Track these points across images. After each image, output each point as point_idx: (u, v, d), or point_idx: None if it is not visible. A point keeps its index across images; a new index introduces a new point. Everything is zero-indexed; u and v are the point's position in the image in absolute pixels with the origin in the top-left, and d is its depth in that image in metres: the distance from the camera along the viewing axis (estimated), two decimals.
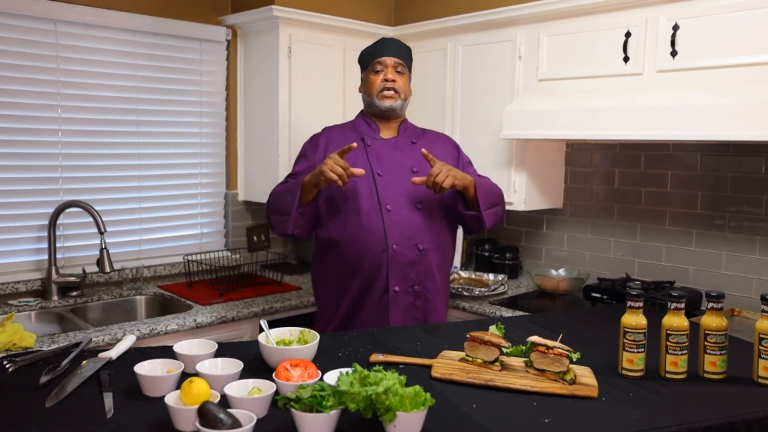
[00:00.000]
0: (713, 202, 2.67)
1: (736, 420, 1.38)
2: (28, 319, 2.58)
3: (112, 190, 2.95)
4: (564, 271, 3.06)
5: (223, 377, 1.44)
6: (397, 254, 2.15)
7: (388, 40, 2.30)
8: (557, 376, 1.54)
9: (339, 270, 2.21)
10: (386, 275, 2.15)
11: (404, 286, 2.18)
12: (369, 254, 2.15)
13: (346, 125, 2.37)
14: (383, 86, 2.23)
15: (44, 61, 2.70)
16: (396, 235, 2.15)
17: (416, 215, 2.18)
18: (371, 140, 2.27)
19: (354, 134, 2.29)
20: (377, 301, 2.17)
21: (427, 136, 2.36)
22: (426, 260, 2.20)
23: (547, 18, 2.73)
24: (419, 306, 2.21)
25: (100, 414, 1.35)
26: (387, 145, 2.27)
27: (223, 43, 3.23)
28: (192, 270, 3.03)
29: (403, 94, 2.27)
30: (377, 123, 2.30)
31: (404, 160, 2.24)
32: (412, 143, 2.29)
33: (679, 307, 1.60)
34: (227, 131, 3.30)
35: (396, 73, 2.25)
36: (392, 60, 2.24)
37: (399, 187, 2.19)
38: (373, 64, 2.26)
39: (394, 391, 1.20)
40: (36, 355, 1.69)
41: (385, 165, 2.22)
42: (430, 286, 2.22)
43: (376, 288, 2.17)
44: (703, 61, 2.29)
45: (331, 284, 2.26)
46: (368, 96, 2.28)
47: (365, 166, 2.18)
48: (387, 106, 2.24)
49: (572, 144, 3.10)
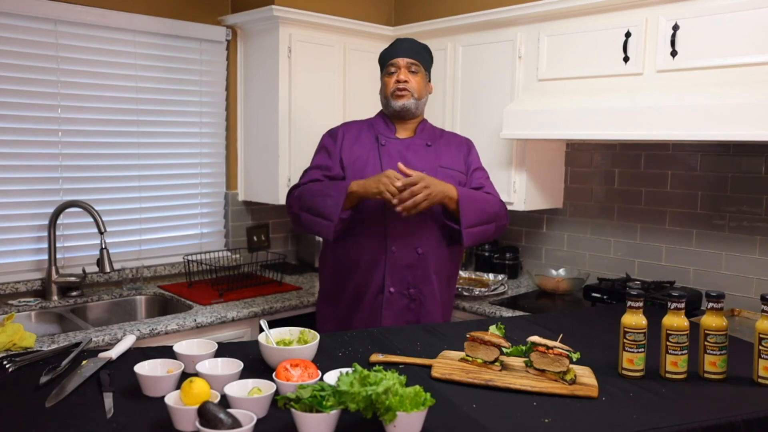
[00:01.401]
0: (713, 202, 2.67)
1: (736, 420, 1.38)
2: (28, 319, 2.58)
3: (112, 190, 2.95)
4: (564, 271, 3.06)
5: (223, 377, 1.44)
6: (396, 256, 2.16)
7: (401, 41, 2.31)
8: (557, 376, 1.54)
9: (339, 269, 2.25)
10: (383, 275, 2.17)
11: (400, 288, 2.19)
12: (368, 253, 2.17)
13: (364, 122, 2.38)
14: (395, 87, 2.24)
15: (44, 61, 2.70)
16: (396, 236, 2.16)
17: (419, 219, 2.16)
18: (385, 139, 2.27)
19: (370, 132, 2.30)
20: (372, 300, 2.19)
21: (444, 138, 2.35)
22: (425, 264, 2.20)
23: (547, 18, 2.73)
24: (413, 309, 2.21)
25: (100, 414, 1.35)
26: (401, 146, 2.27)
27: (223, 43, 3.23)
28: (192, 270, 3.03)
29: (417, 94, 2.26)
30: (394, 123, 2.32)
31: (415, 163, 2.23)
32: (427, 146, 2.29)
33: (679, 307, 1.60)
34: (227, 131, 3.31)
35: (409, 73, 2.25)
36: (404, 60, 2.25)
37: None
38: (387, 66, 2.28)
39: (394, 391, 1.20)
40: (36, 355, 1.69)
41: (395, 165, 2.20)
42: (426, 291, 2.21)
43: (373, 287, 2.19)
44: (703, 61, 2.29)
45: (332, 284, 2.29)
46: (384, 97, 2.30)
47: (376, 165, 2.21)
48: (400, 106, 2.25)
49: (572, 144, 3.10)
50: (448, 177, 2.21)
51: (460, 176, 2.28)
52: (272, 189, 3.12)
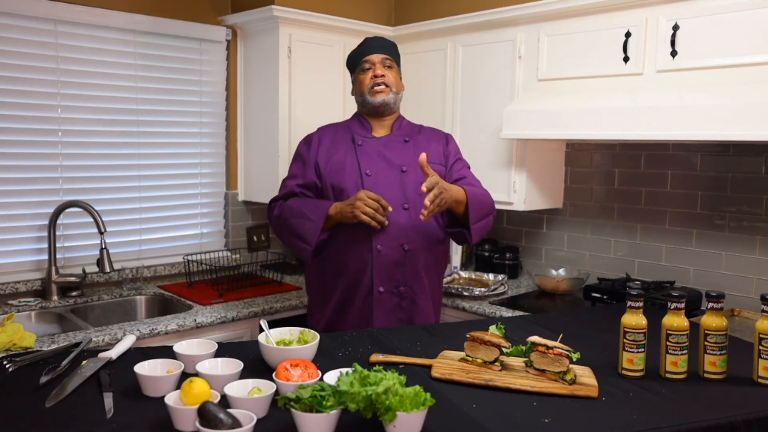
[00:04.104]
0: (713, 202, 2.67)
1: (736, 420, 1.38)
2: (28, 319, 2.58)
3: (112, 190, 2.95)
4: (564, 271, 3.06)
5: (223, 377, 1.44)
6: (382, 255, 2.14)
7: (371, 39, 2.30)
8: (557, 376, 1.54)
9: (327, 270, 2.22)
10: (371, 275, 2.15)
11: (389, 287, 2.16)
12: (354, 254, 2.15)
13: (339, 125, 2.37)
14: (373, 82, 2.23)
15: (44, 61, 2.70)
16: (381, 235, 2.13)
17: (403, 215, 2.16)
18: (362, 139, 2.26)
19: (346, 133, 2.29)
20: (362, 301, 2.17)
21: (423, 134, 2.34)
22: (413, 261, 2.17)
23: (547, 18, 2.73)
24: (405, 307, 2.20)
25: (100, 414, 1.35)
26: (378, 144, 2.25)
27: (223, 43, 3.23)
28: (192, 270, 3.03)
29: (395, 88, 2.26)
30: (370, 122, 2.30)
31: (394, 159, 2.22)
32: (405, 141, 2.27)
33: (679, 307, 1.60)
34: (227, 131, 3.31)
35: (385, 68, 2.25)
36: (379, 56, 2.25)
37: (387, 186, 2.17)
38: (360, 64, 2.27)
39: (394, 391, 1.20)
40: (36, 355, 1.69)
41: (374, 164, 2.21)
42: (416, 288, 2.20)
43: (362, 288, 2.17)
44: (703, 61, 2.29)
45: (321, 286, 2.27)
46: (360, 95, 2.28)
47: (354, 165, 2.19)
48: (380, 101, 2.23)
49: (572, 144, 3.10)
50: None
51: (440, 169, 2.25)
52: (272, 189, 3.12)
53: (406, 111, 3.38)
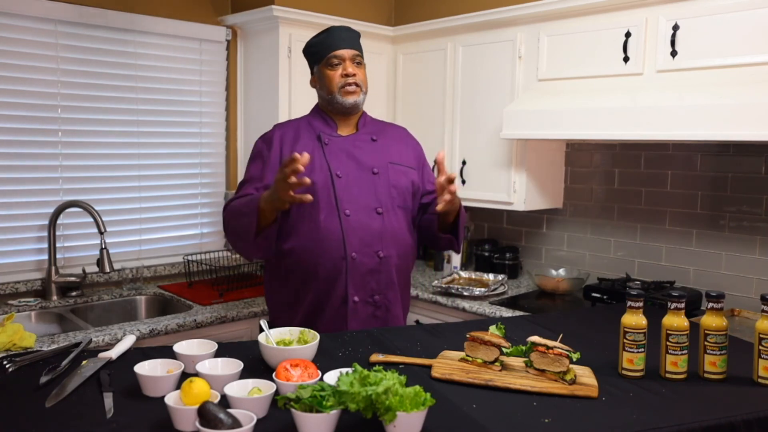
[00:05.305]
0: (713, 202, 2.67)
1: (736, 420, 1.37)
2: (28, 319, 2.58)
3: (112, 190, 2.96)
4: (564, 271, 3.06)
5: (223, 377, 1.44)
6: (357, 262, 2.00)
7: (338, 29, 2.10)
8: (557, 376, 1.54)
9: (294, 278, 2.05)
10: (345, 284, 2.01)
11: (364, 296, 2.04)
12: (326, 262, 1.99)
13: (300, 120, 2.17)
14: (344, 82, 2.05)
15: (44, 61, 2.70)
16: (356, 241, 2.00)
17: (376, 220, 2.03)
18: (328, 138, 2.09)
19: (309, 131, 2.11)
20: (335, 311, 2.03)
21: (388, 132, 2.20)
22: (387, 268, 2.05)
23: (547, 18, 2.73)
24: (380, 316, 2.08)
25: (100, 414, 1.35)
26: (345, 143, 2.09)
27: (223, 43, 3.23)
28: (192, 270, 3.03)
29: (365, 87, 2.10)
30: (335, 119, 2.13)
31: (364, 160, 2.08)
32: (372, 140, 2.13)
33: (679, 307, 1.60)
34: (227, 131, 3.31)
35: (355, 65, 2.07)
36: (349, 52, 2.07)
37: (359, 189, 2.04)
38: (328, 58, 2.06)
39: (394, 391, 1.20)
40: (36, 355, 1.69)
41: (344, 166, 2.06)
42: (390, 296, 2.08)
43: (334, 298, 2.02)
44: (703, 61, 2.29)
45: (285, 293, 2.09)
46: (327, 93, 2.08)
47: (323, 167, 2.03)
48: (351, 102, 2.07)
49: (572, 144, 3.10)
50: (401, 174, 2.11)
51: (412, 173, 2.15)
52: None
53: (407, 111, 3.39)
